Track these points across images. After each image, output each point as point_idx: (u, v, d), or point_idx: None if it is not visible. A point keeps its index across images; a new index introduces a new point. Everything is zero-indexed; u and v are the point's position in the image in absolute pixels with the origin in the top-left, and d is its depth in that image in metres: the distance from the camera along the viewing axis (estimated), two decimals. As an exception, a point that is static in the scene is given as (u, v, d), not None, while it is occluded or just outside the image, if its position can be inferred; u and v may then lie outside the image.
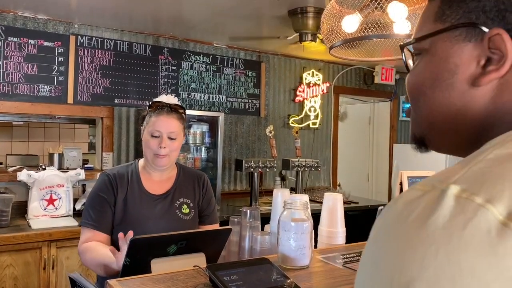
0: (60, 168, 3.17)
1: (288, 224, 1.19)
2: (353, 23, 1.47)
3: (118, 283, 1.01)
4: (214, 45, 3.83)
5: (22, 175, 2.78)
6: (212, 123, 3.57)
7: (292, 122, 4.23)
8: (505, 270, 0.32)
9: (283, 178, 4.08)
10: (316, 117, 4.35)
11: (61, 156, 3.26)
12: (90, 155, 3.90)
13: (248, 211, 1.46)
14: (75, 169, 3.06)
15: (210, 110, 3.79)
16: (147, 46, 3.52)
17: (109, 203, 1.59)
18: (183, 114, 1.69)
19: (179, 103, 1.70)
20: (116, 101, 3.39)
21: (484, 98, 0.47)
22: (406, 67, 0.57)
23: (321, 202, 1.53)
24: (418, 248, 0.34)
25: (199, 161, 3.58)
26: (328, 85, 4.34)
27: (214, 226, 1.76)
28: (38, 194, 2.84)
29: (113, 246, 1.45)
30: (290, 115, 4.25)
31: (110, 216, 1.59)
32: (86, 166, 3.33)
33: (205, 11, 2.92)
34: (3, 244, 2.43)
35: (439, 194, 0.36)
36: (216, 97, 3.86)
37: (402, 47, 0.57)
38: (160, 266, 1.22)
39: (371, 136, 5.38)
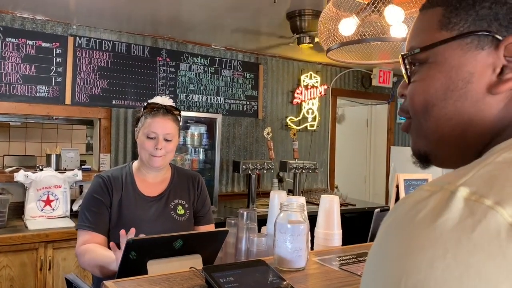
0: (57, 169, 3.17)
1: (284, 226, 1.19)
2: (350, 26, 1.49)
3: (114, 284, 1.01)
4: (213, 46, 3.84)
5: (19, 176, 2.77)
6: (210, 125, 3.57)
7: (290, 124, 4.24)
8: None
9: (281, 180, 4.09)
10: (313, 119, 4.36)
11: (58, 157, 3.26)
12: (88, 156, 3.90)
13: (245, 213, 1.46)
14: (73, 170, 3.06)
15: (208, 112, 3.79)
16: (145, 47, 3.52)
17: (105, 205, 1.58)
18: (178, 116, 1.70)
19: (174, 105, 1.70)
20: (114, 102, 3.39)
21: (498, 105, 0.47)
22: (408, 78, 0.54)
23: (318, 204, 1.54)
24: (427, 249, 0.34)
25: (197, 162, 3.58)
26: (326, 87, 4.35)
27: (209, 227, 1.76)
28: (35, 195, 2.84)
29: (113, 243, 1.40)
30: (288, 117, 4.26)
31: (107, 217, 1.58)
32: (83, 167, 3.32)
33: (203, 13, 2.93)
34: (0, 245, 2.42)
35: (449, 196, 0.36)
36: (214, 98, 3.87)
37: (404, 57, 0.54)
38: (156, 267, 1.22)
39: (369, 138, 5.39)
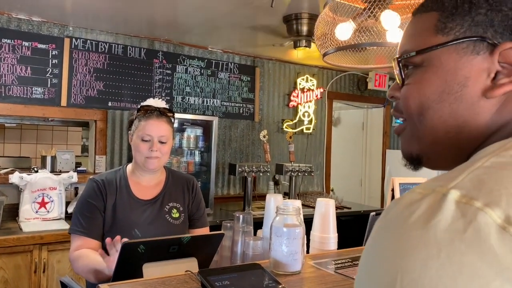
0: (52, 170, 3.16)
1: (280, 229, 1.20)
2: (346, 31, 1.49)
3: (109, 288, 1.00)
4: (209, 49, 3.84)
5: (14, 178, 2.76)
6: (206, 127, 3.57)
7: (286, 127, 4.24)
8: (504, 270, 0.33)
9: (277, 183, 4.09)
10: (310, 122, 4.37)
11: (53, 158, 3.25)
12: (83, 158, 3.89)
13: (240, 216, 1.46)
14: (68, 172, 3.05)
15: (204, 114, 3.79)
16: (142, 49, 3.52)
17: (99, 209, 1.58)
18: (172, 118, 1.70)
19: (168, 107, 1.70)
20: (110, 104, 3.38)
21: (492, 110, 0.48)
22: (402, 81, 0.55)
23: (314, 207, 1.54)
24: (421, 249, 0.36)
25: (193, 165, 3.57)
26: (322, 90, 4.37)
27: (204, 230, 1.76)
28: (30, 196, 2.82)
29: (102, 250, 1.42)
30: (284, 120, 4.27)
31: (100, 222, 1.58)
32: (78, 169, 3.31)
33: (200, 16, 2.93)
34: (-6, 247, 2.41)
35: (440, 198, 0.38)
36: (210, 101, 3.87)
37: (400, 60, 0.55)
38: (152, 270, 1.22)
39: (364, 141, 5.41)
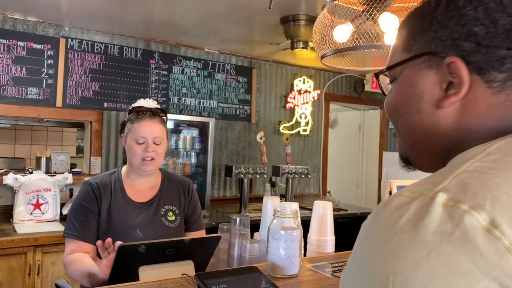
0: (47, 172, 3.14)
1: (277, 232, 1.19)
2: (344, 33, 1.49)
3: (104, 292, 0.99)
4: (206, 50, 3.83)
5: (8, 179, 2.74)
6: (202, 129, 3.55)
7: (282, 129, 4.24)
8: (491, 270, 0.35)
9: (273, 185, 4.08)
10: (306, 124, 4.36)
11: (48, 159, 3.22)
12: (78, 159, 3.86)
13: (237, 219, 1.45)
14: (63, 173, 3.03)
15: (200, 116, 3.78)
16: (138, 50, 3.51)
17: (93, 213, 1.56)
18: (165, 118, 1.68)
19: (159, 107, 1.68)
20: (105, 105, 3.36)
21: (448, 119, 0.52)
22: (382, 92, 0.63)
23: (310, 209, 1.53)
24: (412, 250, 0.37)
25: (189, 166, 3.55)
26: (319, 92, 4.37)
27: (201, 233, 1.75)
28: (24, 198, 2.80)
29: (94, 254, 1.40)
30: (280, 122, 4.26)
31: (95, 226, 1.56)
32: (74, 170, 3.29)
33: (197, 16, 2.92)
34: (-13, 249, 2.39)
35: (428, 201, 0.39)
36: (206, 102, 3.86)
37: (377, 76, 0.63)
38: (148, 273, 1.21)
39: (361, 143, 5.41)
